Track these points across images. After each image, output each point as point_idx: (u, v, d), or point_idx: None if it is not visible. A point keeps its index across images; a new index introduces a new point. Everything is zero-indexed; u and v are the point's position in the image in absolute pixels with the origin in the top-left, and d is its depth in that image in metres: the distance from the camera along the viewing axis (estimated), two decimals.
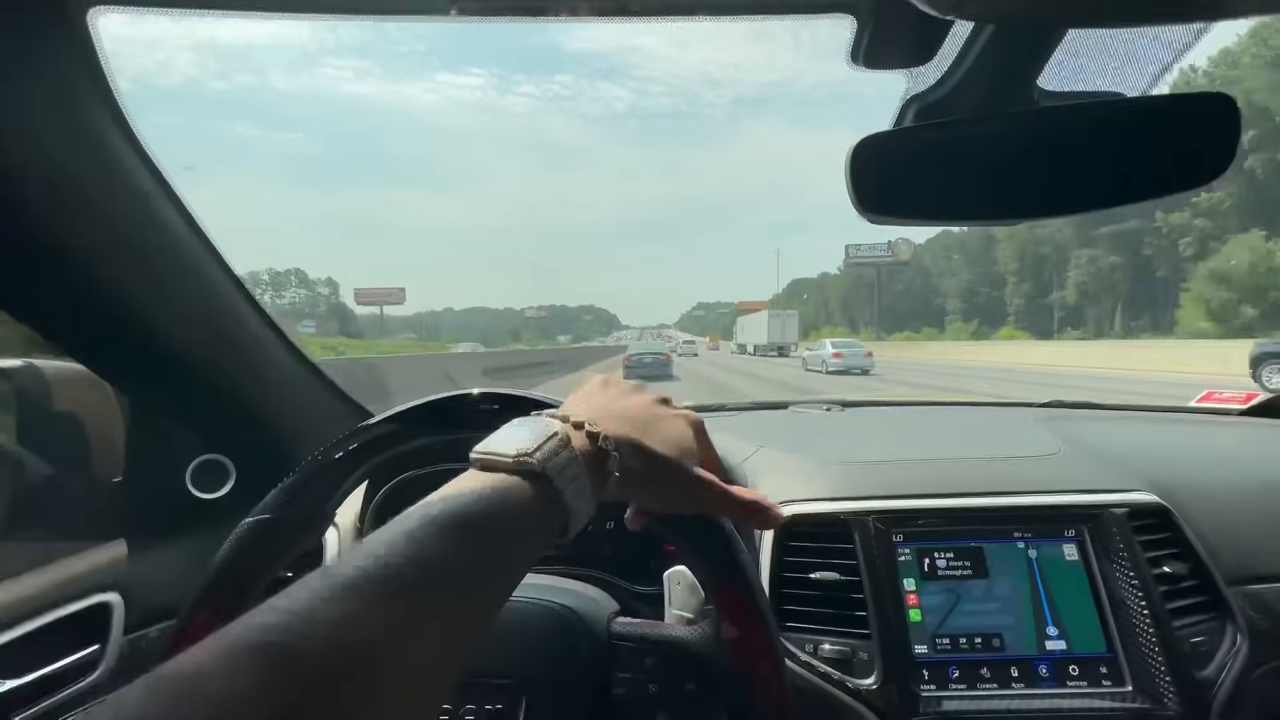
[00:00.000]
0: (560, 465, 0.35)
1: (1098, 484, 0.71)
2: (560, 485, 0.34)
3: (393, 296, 74.18)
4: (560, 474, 0.35)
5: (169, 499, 0.77)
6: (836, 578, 0.64)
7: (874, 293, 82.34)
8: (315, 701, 0.22)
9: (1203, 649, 0.62)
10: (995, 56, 0.51)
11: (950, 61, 0.53)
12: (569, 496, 0.35)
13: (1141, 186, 0.50)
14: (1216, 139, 0.47)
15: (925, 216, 0.53)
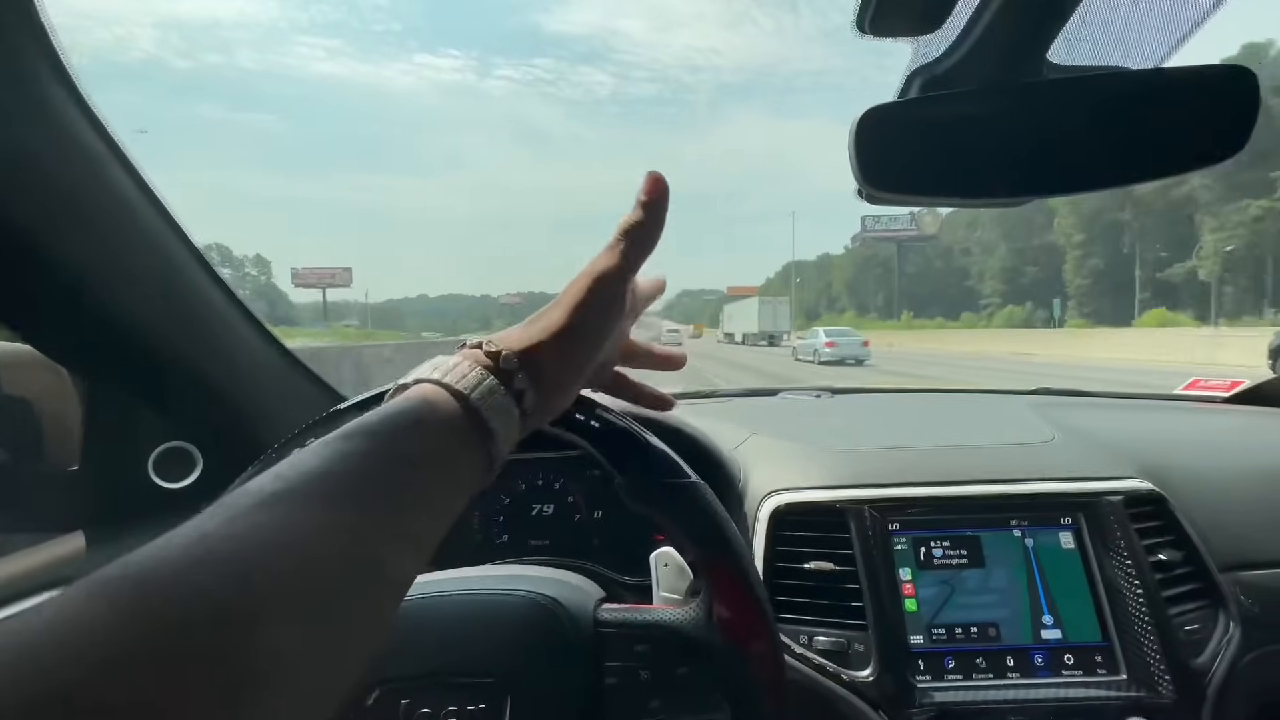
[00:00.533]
0: (460, 374, 0.33)
1: (1093, 471, 0.70)
2: (456, 384, 0.33)
3: (337, 278, 62.93)
4: (460, 381, 0.33)
5: (130, 489, 0.72)
6: (831, 568, 0.63)
7: (892, 273, 72.95)
8: (172, 631, 0.19)
9: (1196, 636, 0.62)
10: (1005, 25, 0.48)
11: (959, 30, 0.51)
12: (479, 405, 0.32)
13: (1155, 163, 0.48)
14: (1233, 114, 0.46)
15: (930, 193, 0.50)
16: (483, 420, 0.32)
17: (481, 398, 0.33)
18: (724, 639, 0.42)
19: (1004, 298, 58.75)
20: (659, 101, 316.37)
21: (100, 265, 0.58)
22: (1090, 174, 0.49)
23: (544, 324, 0.39)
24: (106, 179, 0.55)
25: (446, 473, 0.31)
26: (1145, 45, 0.52)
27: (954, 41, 0.52)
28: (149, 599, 0.19)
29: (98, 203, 0.55)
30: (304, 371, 0.89)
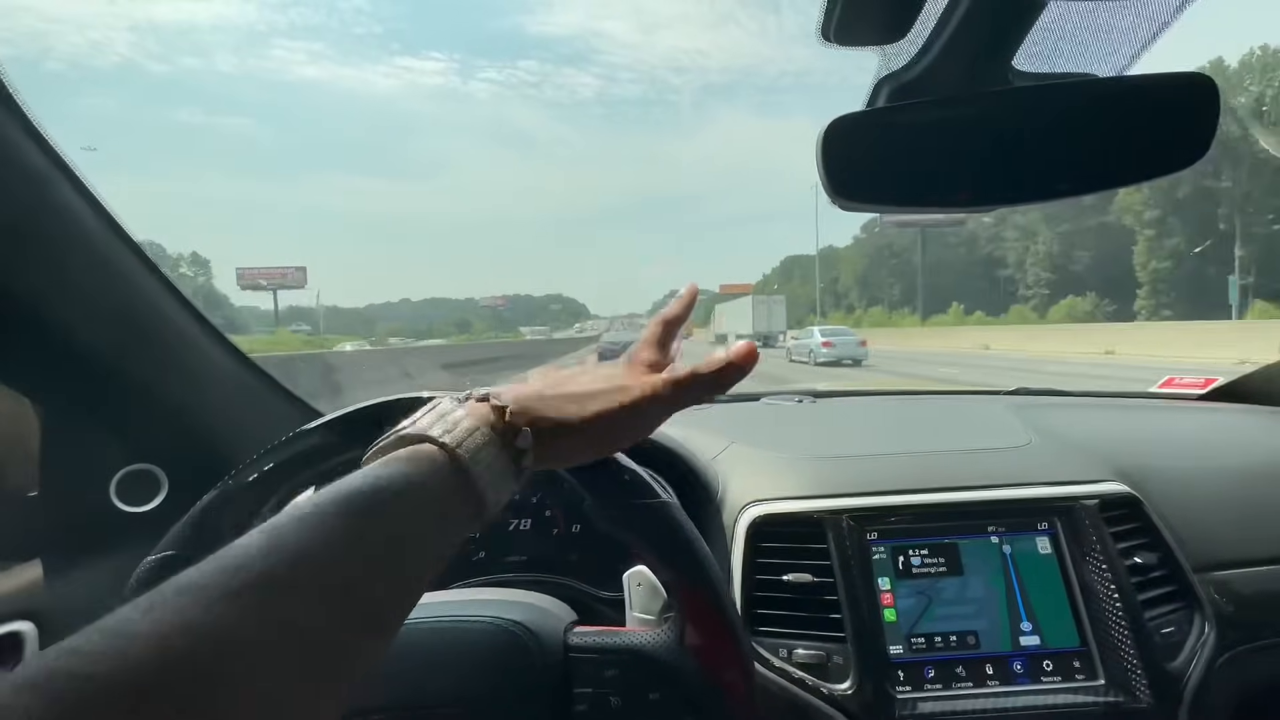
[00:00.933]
0: (450, 426, 0.32)
1: (1069, 475, 0.70)
2: (458, 448, 0.31)
3: (289, 279, 56.50)
4: (451, 434, 0.31)
5: (91, 514, 0.70)
6: (810, 579, 0.62)
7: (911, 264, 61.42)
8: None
9: (1173, 639, 0.62)
10: (970, 34, 0.48)
11: (924, 39, 0.51)
12: (472, 464, 0.31)
13: (1120, 170, 0.48)
14: (1195, 121, 0.46)
15: (899, 202, 0.50)
16: (478, 490, 0.31)
17: (480, 465, 0.32)
18: (695, 663, 0.42)
19: (1053, 288, 48.49)
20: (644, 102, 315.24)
21: (55, 287, 0.56)
22: (1056, 181, 0.48)
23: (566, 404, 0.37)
24: (55, 199, 0.53)
25: (432, 543, 0.30)
26: (1108, 53, 0.52)
27: (920, 49, 0.52)
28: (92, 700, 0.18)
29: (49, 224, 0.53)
30: (274, 386, 0.87)
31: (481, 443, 0.32)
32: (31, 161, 0.51)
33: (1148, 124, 0.47)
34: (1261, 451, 0.84)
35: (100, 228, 0.58)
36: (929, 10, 0.49)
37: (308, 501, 0.27)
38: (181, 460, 0.74)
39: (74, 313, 0.59)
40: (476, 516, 0.32)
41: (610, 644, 0.46)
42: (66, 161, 0.53)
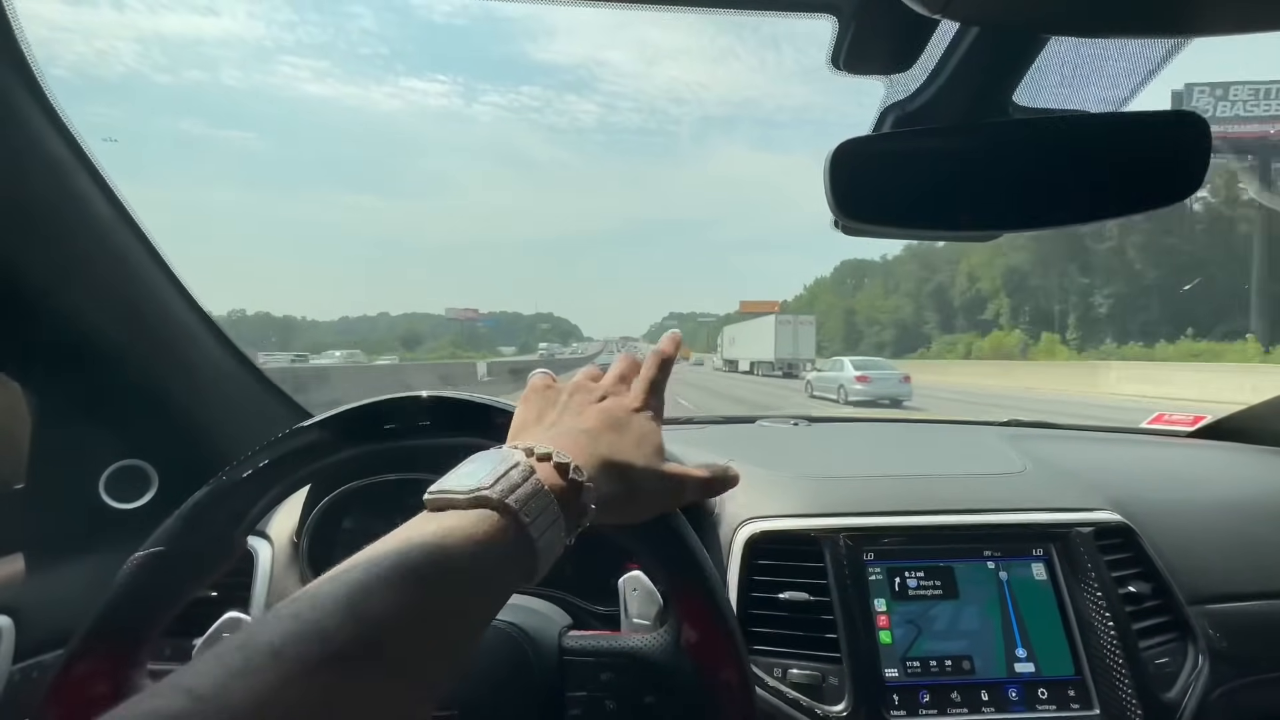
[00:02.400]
0: (524, 497, 0.31)
1: (1064, 502, 0.70)
2: (526, 518, 0.31)
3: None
4: (525, 506, 0.31)
5: (78, 509, 0.69)
6: (806, 598, 0.62)
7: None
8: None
9: (1167, 670, 0.62)
10: (973, 66, 0.50)
11: (929, 70, 0.53)
12: (537, 531, 0.31)
13: (1114, 202, 0.49)
14: (1187, 158, 0.48)
15: (901, 224, 0.51)
16: (536, 559, 0.31)
17: (541, 535, 0.31)
18: (692, 667, 0.41)
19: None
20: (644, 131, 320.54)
21: (54, 273, 0.56)
22: (1052, 211, 0.50)
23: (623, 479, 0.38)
24: (70, 188, 0.54)
25: (494, 601, 0.30)
26: (1105, 89, 0.54)
27: (924, 81, 0.54)
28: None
29: (57, 210, 0.54)
30: (269, 387, 0.86)
31: (543, 511, 0.32)
32: (53, 149, 0.51)
33: (1141, 159, 0.49)
34: (1251, 488, 0.85)
35: (113, 218, 0.59)
36: (934, 44, 0.51)
37: (383, 559, 0.27)
38: (174, 457, 0.74)
39: (79, 303, 0.59)
40: (528, 579, 0.32)
41: (605, 647, 0.45)
42: (87, 151, 0.54)
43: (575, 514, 0.34)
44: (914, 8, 0.38)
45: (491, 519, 0.30)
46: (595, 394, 0.44)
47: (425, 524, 0.29)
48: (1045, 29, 0.44)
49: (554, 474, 0.34)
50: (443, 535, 0.28)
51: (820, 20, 0.51)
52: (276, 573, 0.68)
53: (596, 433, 0.38)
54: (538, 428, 0.41)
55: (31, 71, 0.49)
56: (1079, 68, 0.52)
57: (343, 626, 0.24)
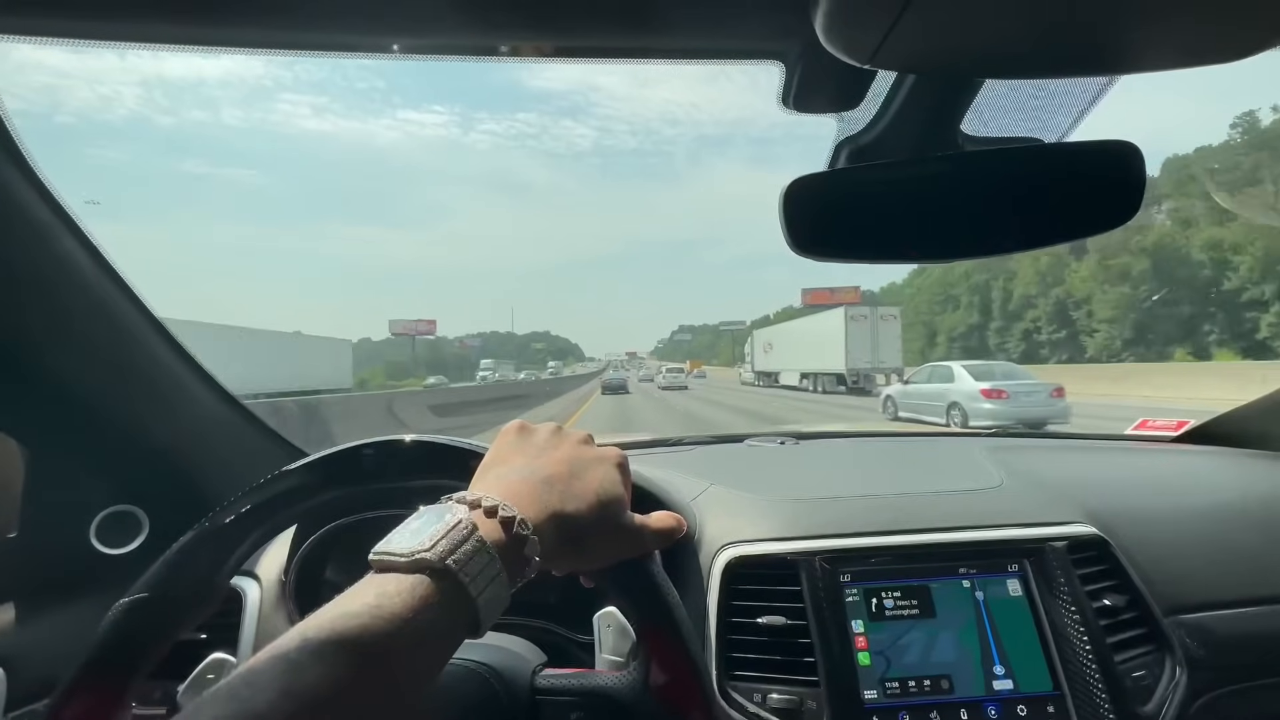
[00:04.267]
0: (465, 558, 0.32)
1: (1039, 517, 0.71)
2: (465, 579, 0.32)
3: None
4: (465, 567, 0.32)
5: (69, 556, 0.70)
6: (784, 622, 0.63)
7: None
8: None
9: (1144, 683, 0.62)
10: (918, 103, 0.52)
11: (877, 106, 0.55)
12: (476, 590, 0.32)
13: (1057, 228, 0.51)
14: (1123, 184, 0.50)
15: (855, 256, 0.53)
16: (478, 615, 0.32)
17: (483, 593, 0.32)
18: (660, 706, 0.42)
19: None
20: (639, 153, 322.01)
21: (41, 326, 0.58)
22: (1000, 238, 0.52)
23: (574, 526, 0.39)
24: (54, 249, 0.56)
25: (437, 659, 0.32)
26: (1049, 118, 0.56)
27: (874, 117, 0.56)
28: None
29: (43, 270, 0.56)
30: (259, 427, 0.88)
31: (484, 569, 0.33)
32: (34, 213, 0.54)
33: (1082, 186, 0.51)
34: (1230, 493, 0.86)
35: (95, 272, 0.61)
36: (879, 82, 0.53)
37: (317, 631, 0.28)
38: (164, 501, 0.75)
39: (66, 354, 0.61)
40: (472, 634, 0.33)
41: (576, 686, 0.46)
42: (66, 210, 0.56)
43: (519, 566, 0.35)
44: (843, 59, 0.41)
45: (429, 581, 0.31)
46: (571, 439, 0.45)
47: (364, 590, 0.31)
48: (975, 73, 0.46)
49: (497, 529, 0.35)
50: (379, 602, 0.29)
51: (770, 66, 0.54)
52: (265, 612, 0.69)
53: (554, 480, 0.39)
54: (502, 468, 0.42)
55: (12, 139, 0.51)
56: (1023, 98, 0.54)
57: (275, 705, 0.24)
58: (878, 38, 0.38)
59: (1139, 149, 0.49)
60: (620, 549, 0.42)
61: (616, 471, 0.44)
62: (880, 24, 0.37)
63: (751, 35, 0.49)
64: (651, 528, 0.44)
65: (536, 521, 0.36)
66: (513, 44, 0.53)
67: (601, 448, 0.46)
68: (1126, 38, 0.40)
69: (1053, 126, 0.57)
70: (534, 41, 0.53)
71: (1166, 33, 0.39)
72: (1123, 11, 0.37)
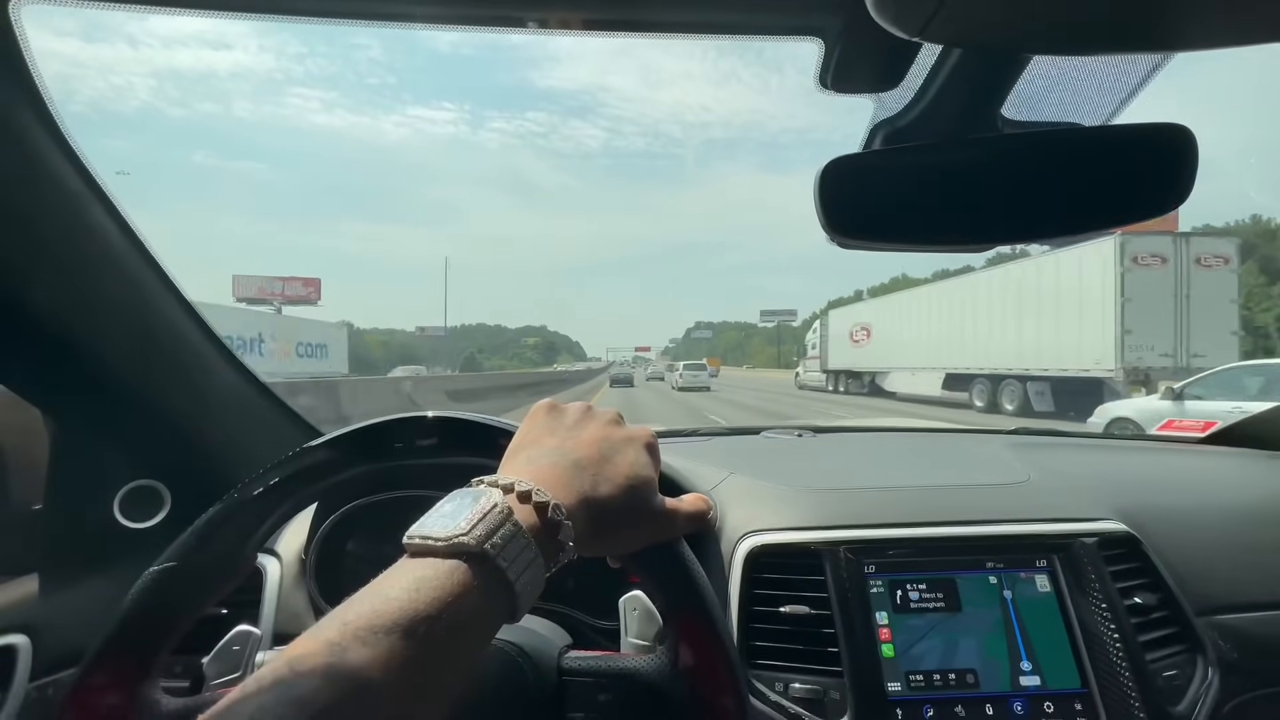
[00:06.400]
0: (502, 542, 0.32)
1: (1068, 512, 0.70)
2: (504, 564, 0.31)
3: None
4: (502, 552, 0.31)
5: (92, 529, 0.71)
6: (807, 611, 0.62)
7: None
8: None
9: (1175, 683, 0.61)
10: (959, 83, 0.51)
11: (916, 87, 0.54)
12: (514, 575, 0.31)
13: (1103, 214, 0.50)
14: (1175, 169, 0.48)
15: (892, 240, 0.52)
16: (515, 600, 0.32)
17: (519, 576, 0.32)
18: (688, 689, 0.42)
19: None
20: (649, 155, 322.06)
21: (72, 302, 0.58)
22: (1042, 223, 0.51)
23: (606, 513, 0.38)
24: (85, 218, 0.56)
25: (474, 645, 0.31)
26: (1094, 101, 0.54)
27: (912, 98, 0.54)
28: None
29: (73, 241, 0.56)
30: (279, 406, 0.88)
31: (521, 553, 0.32)
32: (69, 184, 0.54)
33: (1129, 171, 0.49)
34: (1261, 494, 0.84)
35: (126, 248, 0.61)
36: (920, 62, 0.52)
37: (357, 616, 0.28)
38: (186, 478, 0.75)
39: (94, 329, 0.61)
40: (510, 619, 0.33)
41: (604, 667, 0.45)
42: (100, 184, 0.56)
43: (553, 551, 0.35)
44: (892, 31, 0.39)
45: (467, 567, 0.30)
46: (601, 419, 0.45)
47: (401, 574, 0.30)
48: (1025, 49, 0.44)
49: (532, 513, 0.34)
50: (418, 586, 0.29)
51: (808, 42, 0.53)
52: (285, 589, 0.69)
53: (584, 464, 0.39)
54: (533, 450, 0.41)
55: (49, 111, 0.51)
56: (1067, 81, 0.53)
57: (319, 690, 0.24)
58: (930, 8, 0.37)
59: (1191, 131, 0.48)
60: (652, 533, 0.41)
61: (646, 453, 0.43)
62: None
63: (792, 9, 0.48)
64: (682, 511, 0.43)
65: (569, 506, 0.36)
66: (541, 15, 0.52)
67: (631, 428, 0.45)
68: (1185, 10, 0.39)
69: (1097, 110, 0.55)
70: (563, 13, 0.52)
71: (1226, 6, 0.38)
72: None
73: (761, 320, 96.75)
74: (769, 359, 79.97)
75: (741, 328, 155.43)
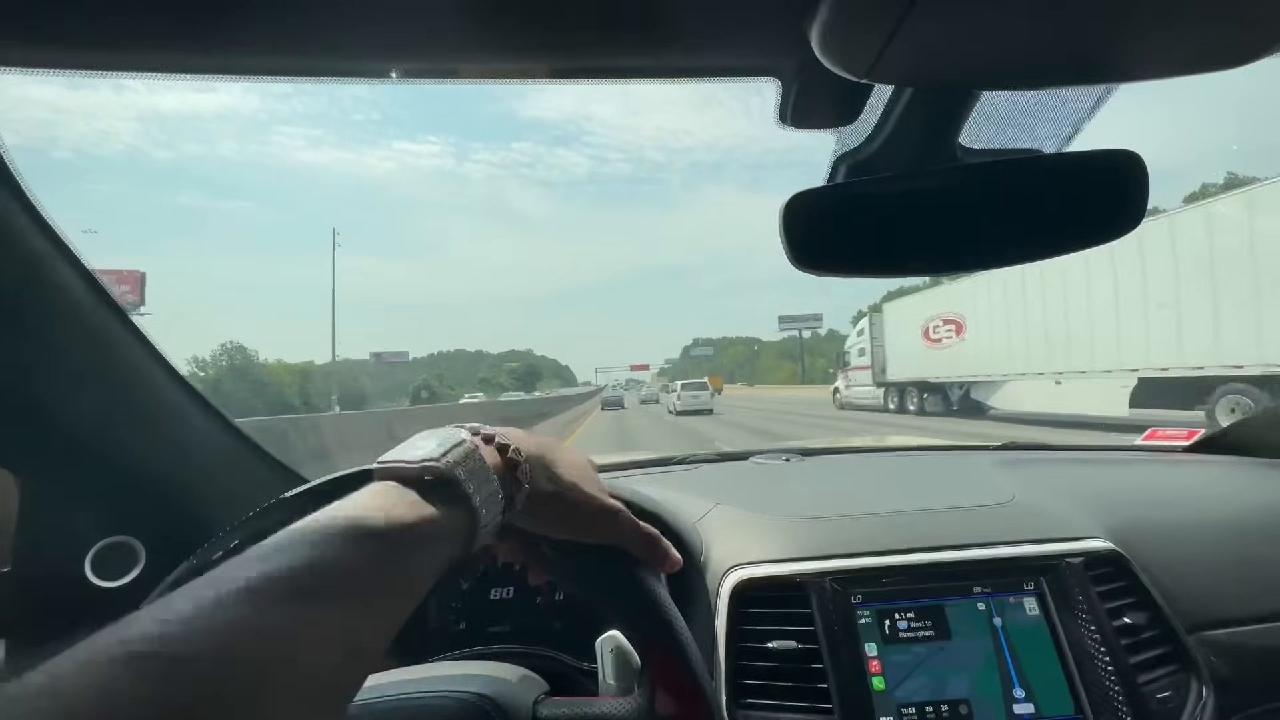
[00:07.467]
0: (469, 470, 0.35)
1: (1053, 532, 0.70)
2: (469, 489, 0.34)
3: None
4: (469, 478, 0.34)
5: (64, 590, 0.69)
6: (795, 645, 0.61)
7: None
8: (203, 715, 0.21)
9: (1170, 704, 0.60)
10: (916, 116, 0.52)
11: (874, 122, 0.55)
12: (478, 502, 0.35)
13: (1060, 239, 0.51)
14: (1126, 194, 0.49)
15: (855, 269, 0.53)
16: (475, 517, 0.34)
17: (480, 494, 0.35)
18: None
19: None
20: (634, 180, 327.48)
21: (40, 362, 0.57)
22: (1002, 249, 0.51)
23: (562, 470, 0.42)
24: (50, 277, 0.56)
25: (437, 560, 0.33)
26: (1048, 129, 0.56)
27: (871, 132, 0.56)
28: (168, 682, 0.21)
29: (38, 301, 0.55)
30: (258, 453, 0.87)
31: (484, 483, 0.36)
32: (30, 242, 0.54)
33: (1084, 197, 0.50)
34: (1247, 504, 0.84)
35: (91, 301, 0.60)
36: (876, 97, 0.53)
37: (340, 516, 0.30)
38: (160, 531, 0.74)
39: (60, 384, 0.61)
40: (467, 547, 0.35)
41: (579, 714, 0.44)
42: (63, 239, 0.56)
43: (513, 489, 0.38)
44: (840, 74, 0.41)
45: (434, 488, 0.33)
46: (554, 440, 0.47)
47: (372, 493, 0.33)
48: (972, 86, 0.46)
49: (495, 453, 0.38)
50: (389, 499, 0.32)
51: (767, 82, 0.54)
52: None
53: (539, 443, 0.43)
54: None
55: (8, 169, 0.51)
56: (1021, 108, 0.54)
57: (308, 568, 0.27)
58: (874, 52, 0.38)
59: (1140, 157, 0.49)
60: (599, 522, 0.43)
61: (590, 466, 0.46)
62: (876, 38, 0.37)
63: (747, 53, 0.49)
64: (629, 519, 0.45)
65: (528, 456, 0.39)
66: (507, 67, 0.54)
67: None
68: (1125, 47, 0.40)
69: (1052, 137, 0.57)
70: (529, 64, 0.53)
71: (1166, 40, 0.39)
72: (1121, 21, 0.37)
73: (781, 327, 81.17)
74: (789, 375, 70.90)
75: (748, 342, 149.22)
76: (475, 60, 0.50)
